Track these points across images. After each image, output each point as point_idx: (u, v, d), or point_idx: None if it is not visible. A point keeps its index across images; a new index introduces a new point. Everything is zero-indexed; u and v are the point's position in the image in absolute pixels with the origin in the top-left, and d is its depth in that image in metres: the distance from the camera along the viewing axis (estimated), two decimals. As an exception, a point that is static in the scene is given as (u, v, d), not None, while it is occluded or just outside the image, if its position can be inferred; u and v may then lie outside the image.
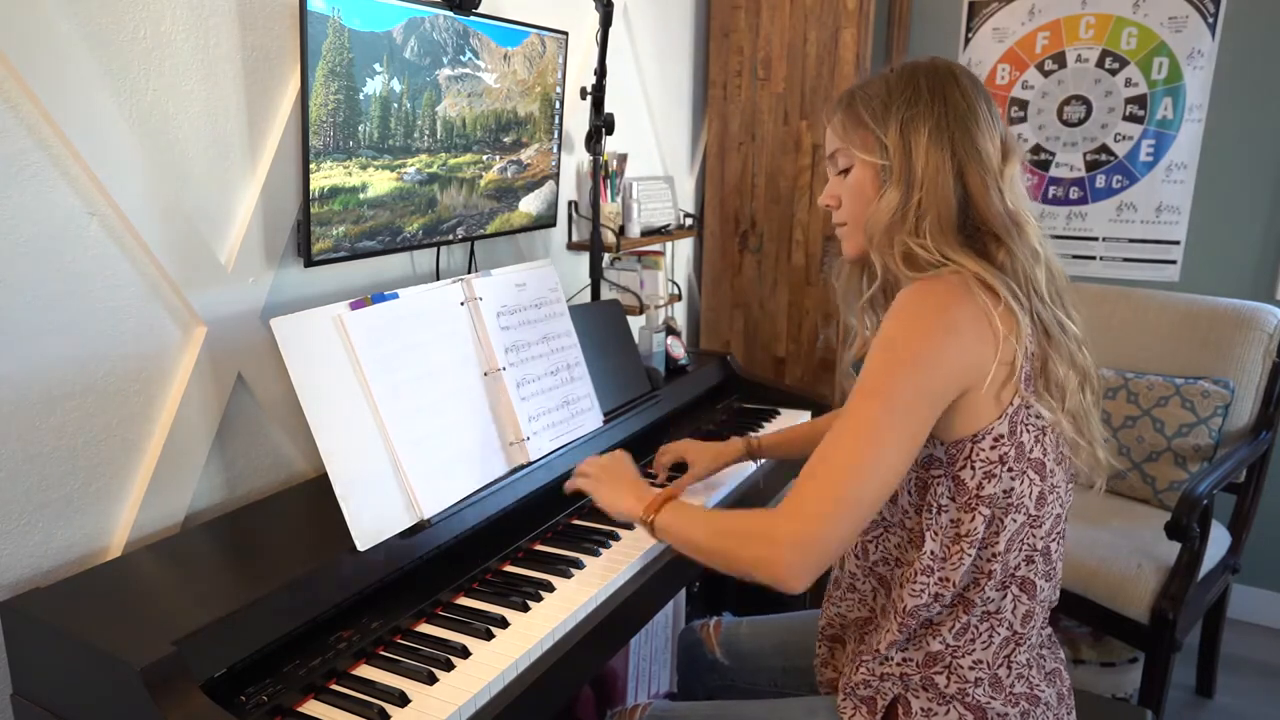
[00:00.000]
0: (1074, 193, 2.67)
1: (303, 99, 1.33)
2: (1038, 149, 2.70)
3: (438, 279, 1.70)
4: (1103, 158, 2.62)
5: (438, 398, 1.34)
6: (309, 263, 1.43)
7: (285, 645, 1.07)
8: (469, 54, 1.63)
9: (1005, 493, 1.00)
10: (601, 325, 1.79)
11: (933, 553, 1.03)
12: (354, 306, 1.26)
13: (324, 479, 1.16)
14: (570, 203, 2.21)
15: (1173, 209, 2.55)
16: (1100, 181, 2.63)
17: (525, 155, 1.86)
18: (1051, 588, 1.09)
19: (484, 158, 1.74)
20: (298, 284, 1.50)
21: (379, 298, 1.30)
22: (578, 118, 2.06)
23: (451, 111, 1.62)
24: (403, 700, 1.02)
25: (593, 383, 1.65)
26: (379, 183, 1.51)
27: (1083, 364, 1.05)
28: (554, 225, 2.03)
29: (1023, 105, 2.69)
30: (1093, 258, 2.68)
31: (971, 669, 1.05)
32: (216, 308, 1.36)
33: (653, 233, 2.40)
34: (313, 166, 1.37)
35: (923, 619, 1.05)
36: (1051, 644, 1.15)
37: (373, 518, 1.19)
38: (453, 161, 1.66)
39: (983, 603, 1.04)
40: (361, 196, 1.48)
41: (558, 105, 1.91)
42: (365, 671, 1.09)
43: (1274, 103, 2.38)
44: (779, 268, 2.69)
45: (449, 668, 1.08)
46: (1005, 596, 1.04)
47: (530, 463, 1.46)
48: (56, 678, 1.03)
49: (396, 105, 1.50)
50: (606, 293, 2.11)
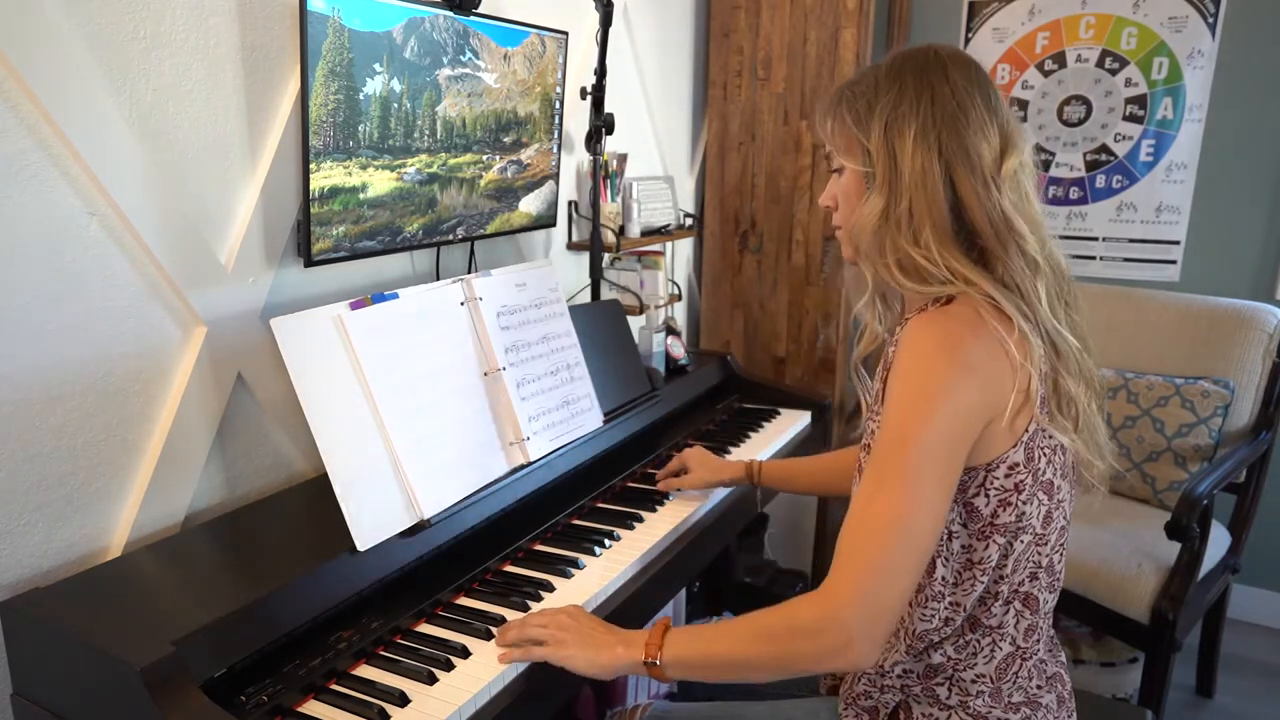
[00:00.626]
0: (1074, 193, 2.68)
1: (303, 99, 1.33)
2: (1038, 149, 2.69)
3: (438, 279, 1.69)
4: (1103, 158, 2.62)
5: (438, 398, 1.34)
6: (309, 263, 1.43)
7: (285, 645, 1.07)
8: (469, 54, 1.63)
9: (1017, 518, 0.98)
10: (601, 325, 1.79)
11: (944, 579, 1.01)
12: (354, 306, 1.26)
13: (324, 479, 1.16)
14: (570, 203, 2.21)
15: (1173, 209, 2.55)
16: (1100, 181, 2.64)
17: (525, 155, 1.86)
18: (1054, 596, 1.08)
19: (484, 158, 1.74)
20: (298, 284, 1.50)
21: (379, 298, 1.30)
22: (578, 118, 2.06)
23: (451, 111, 1.62)
24: (403, 700, 1.02)
25: (593, 383, 1.65)
26: (379, 183, 1.51)
27: (1088, 371, 1.02)
28: (554, 225, 2.03)
29: (1023, 105, 2.69)
30: (1093, 258, 2.68)
31: (974, 682, 1.05)
32: (216, 308, 1.35)
33: (653, 233, 2.40)
34: (313, 166, 1.37)
35: (930, 641, 1.04)
36: (1053, 647, 1.14)
37: (373, 518, 1.19)
38: (453, 161, 1.66)
39: (986, 619, 1.03)
40: (361, 196, 1.48)
41: (558, 105, 1.91)
42: (365, 671, 1.09)
43: (1274, 103, 2.38)
44: (779, 268, 2.69)
45: (449, 668, 1.08)
46: (1008, 613, 1.03)
47: (530, 463, 1.46)
48: (56, 678, 1.03)
49: (396, 105, 1.50)
50: (606, 293, 2.11)
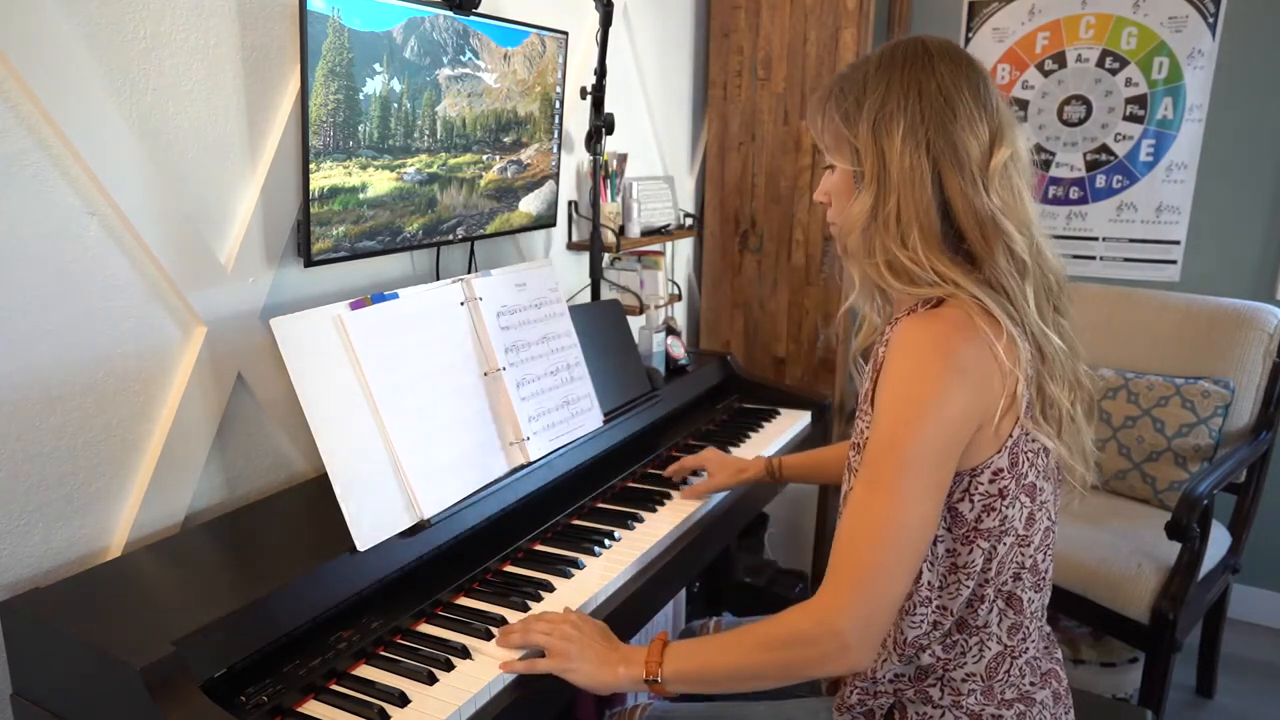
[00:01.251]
0: (1074, 193, 2.67)
1: (303, 99, 1.33)
2: (1038, 149, 2.69)
3: (438, 279, 1.69)
4: (1103, 158, 2.62)
5: (438, 398, 1.34)
6: (309, 263, 1.43)
7: (285, 645, 1.07)
8: (469, 54, 1.63)
9: (1000, 522, 0.98)
10: (601, 325, 1.79)
11: (929, 584, 1.01)
12: (354, 306, 1.26)
13: (324, 479, 1.16)
14: (570, 203, 2.21)
15: (1173, 209, 2.55)
16: (1100, 181, 2.64)
17: (525, 155, 1.86)
18: (1041, 595, 1.07)
19: (484, 158, 1.74)
20: (298, 284, 1.50)
21: (379, 298, 1.30)
22: (578, 118, 2.06)
23: (451, 111, 1.62)
24: (403, 700, 1.02)
25: (593, 383, 1.65)
26: (379, 183, 1.51)
27: (1074, 375, 1.02)
28: (554, 225, 2.03)
29: (1023, 105, 2.69)
30: (1093, 258, 2.68)
31: (964, 681, 1.05)
32: (216, 308, 1.35)
33: (653, 233, 2.40)
34: (313, 166, 1.37)
35: (920, 646, 1.04)
36: (1049, 644, 1.14)
37: (373, 518, 1.19)
38: (453, 161, 1.66)
39: (971, 619, 1.03)
40: (361, 196, 1.48)
41: (558, 105, 1.91)
42: (365, 671, 1.09)
43: (1274, 103, 2.38)
44: (779, 268, 2.69)
45: (449, 668, 1.08)
46: (991, 612, 1.03)
47: (530, 463, 1.46)
48: (56, 678, 1.03)
49: (396, 105, 1.50)
50: (606, 293, 2.11)
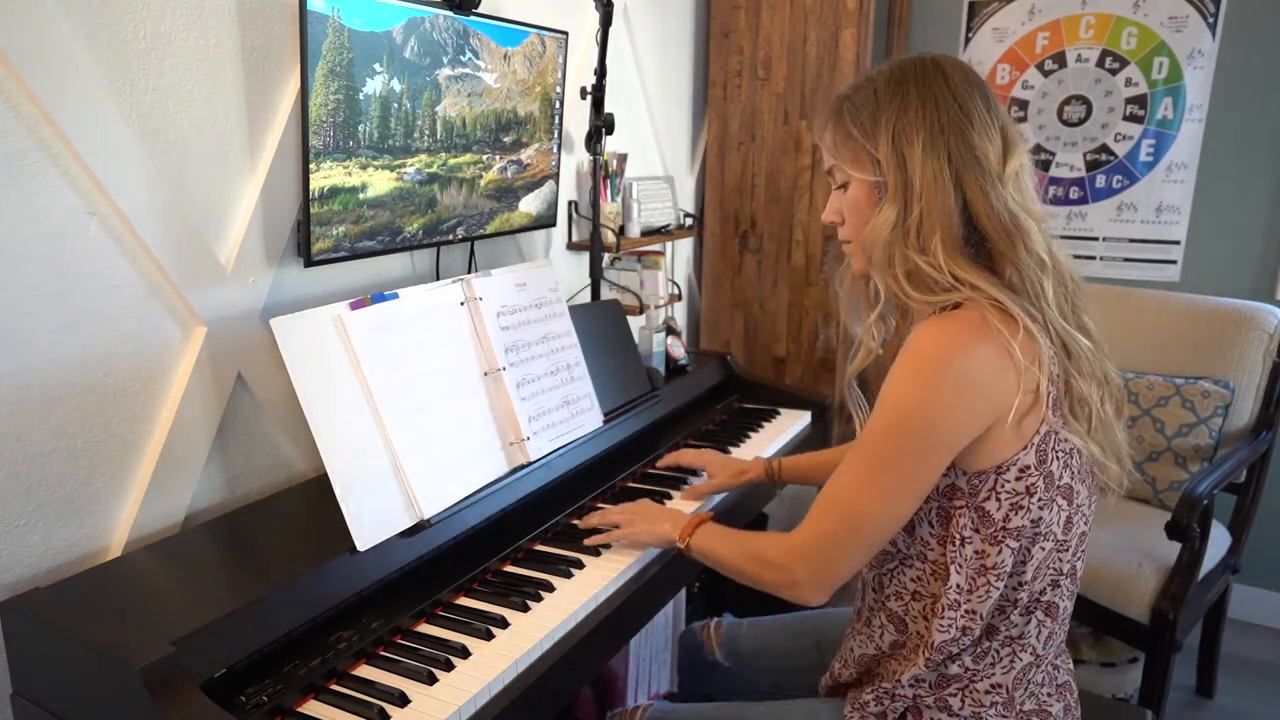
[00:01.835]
0: (1074, 193, 2.67)
1: (303, 99, 1.33)
2: (1038, 149, 2.69)
3: (438, 279, 1.70)
4: (1103, 158, 2.62)
5: (438, 398, 1.34)
6: (309, 263, 1.43)
7: (285, 645, 1.07)
8: (469, 54, 1.63)
9: (1034, 523, 0.98)
10: (601, 325, 1.79)
11: (958, 586, 1.00)
12: (354, 306, 1.26)
13: (324, 479, 1.16)
14: (570, 203, 2.21)
15: (1173, 209, 2.55)
16: (1100, 181, 2.63)
17: (525, 155, 1.86)
18: (1071, 602, 1.07)
19: (484, 158, 1.74)
20: (298, 284, 1.50)
21: (379, 298, 1.30)
22: (578, 118, 2.06)
23: (451, 111, 1.62)
24: (403, 700, 1.02)
25: (593, 383, 1.65)
26: (379, 183, 1.51)
27: (1102, 372, 1.02)
28: (554, 225, 2.03)
29: (1023, 105, 2.69)
30: (1093, 258, 2.68)
31: (988, 693, 1.04)
32: (216, 308, 1.35)
33: (653, 233, 2.40)
34: (313, 166, 1.37)
35: (949, 653, 1.04)
36: (1062, 652, 1.13)
37: (373, 518, 1.19)
38: (453, 161, 1.66)
39: (1006, 629, 1.02)
40: (361, 196, 1.48)
41: (558, 105, 1.91)
42: (365, 671, 1.09)
43: (1274, 103, 2.38)
44: (779, 268, 2.69)
45: (449, 668, 1.08)
46: (1030, 622, 1.02)
47: (530, 463, 1.46)
48: (56, 678, 1.03)
49: (396, 105, 1.50)
50: (606, 293, 2.11)
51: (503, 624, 1.18)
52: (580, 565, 1.33)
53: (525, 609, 1.22)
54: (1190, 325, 2.24)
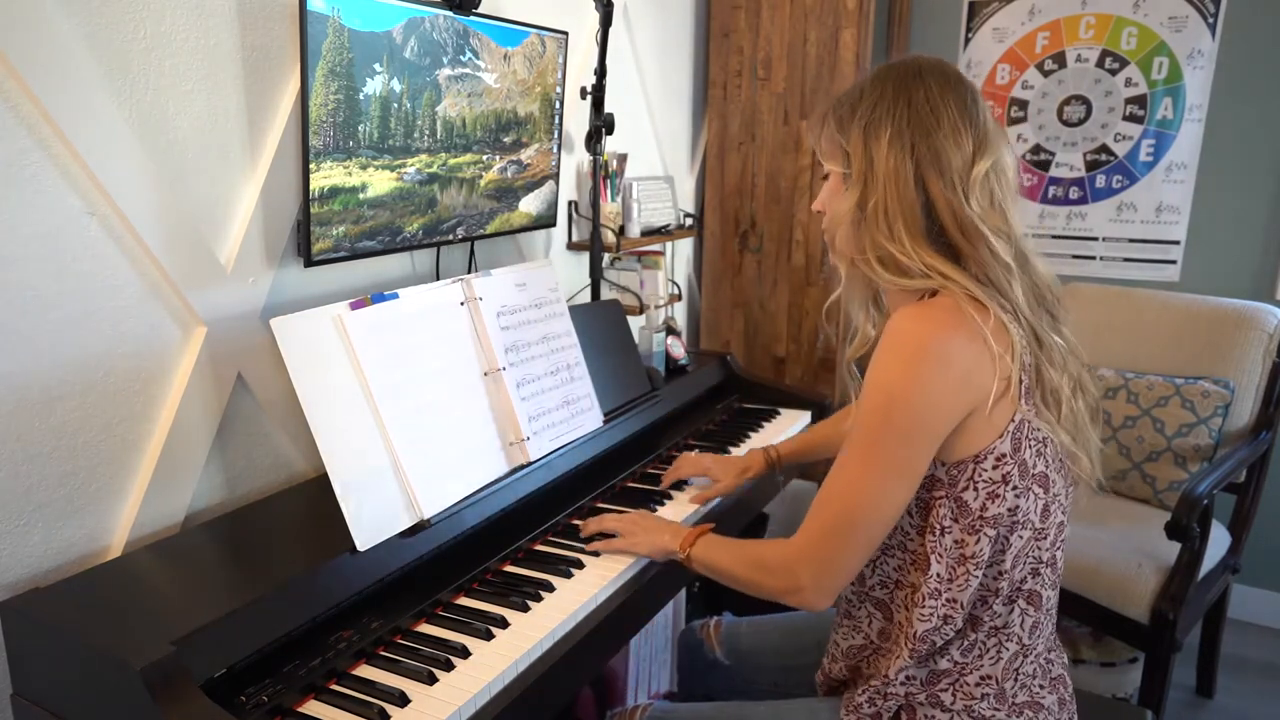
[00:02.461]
0: (1074, 193, 2.67)
1: (303, 99, 1.33)
2: (1038, 149, 2.70)
3: (438, 279, 1.70)
4: (1103, 158, 2.62)
5: (438, 398, 1.34)
6: (309, 263, 1.43)
7: (285, 645, 1.07)
8: (469, 54, 1.63)
9: (1010, 511, 1.00)
10: (601, 325, 1.79)
11: (939, 575, 1.02)
12: (354, 306, 1.26)
13: (324, 479, 1.16)
14: (570, 203, 2.21)
15: (1173, 209, 2.55)
16: (1100, 181, 2.63)
17: (525, 155, 1.86)
18: (1056, 592, 1.08)
19: (484, 158, 1.74)
20: (298, 284, 1.50)
21: (379, 298, 1.30)
22: (578, 118, 2.06)
23: (451, 111, 1.62)
24: (403, 700, 1.02)
25: (593, 383, 1.65)
26: (379, 183, 1.51)
27: (1074, 371, 1.05)
28: (554, 225, 2.03)
29: (1023, 105, 2.69)
30: (1093, 258, 2.68)
31: (978, 685, 1.05)
32: (216, 308, 1.35)
33: (653, 233, 2.40)
34: (313, 166, 1.37)
35: (933, 644, 1.05)
36: (1056, 647, 1.14)
37: (373, 518, 1.19)
38: (453, 161, 1.66)
39: (990, 619, 1.04)
40: (361, 196, 1.48)
41: (558, 105, 1.91)
42: (365, 671, 1.09)
43: (1274, 103, 2.38)
44: (779, 268, 2.69)
45: (449, 668, 1.08)
46: (1013, 611, 1.04)
47: (530, 463, 1.46)
48: (56, 678, 1.03)
49: (396, 105, 1.50)
50: (606, 293, 2.11)
51: (503, 624, 1.18)
52: (580, 565, 1.33)
53: (525, 609, 1.22)
54: (1190, 325, 2.24)
